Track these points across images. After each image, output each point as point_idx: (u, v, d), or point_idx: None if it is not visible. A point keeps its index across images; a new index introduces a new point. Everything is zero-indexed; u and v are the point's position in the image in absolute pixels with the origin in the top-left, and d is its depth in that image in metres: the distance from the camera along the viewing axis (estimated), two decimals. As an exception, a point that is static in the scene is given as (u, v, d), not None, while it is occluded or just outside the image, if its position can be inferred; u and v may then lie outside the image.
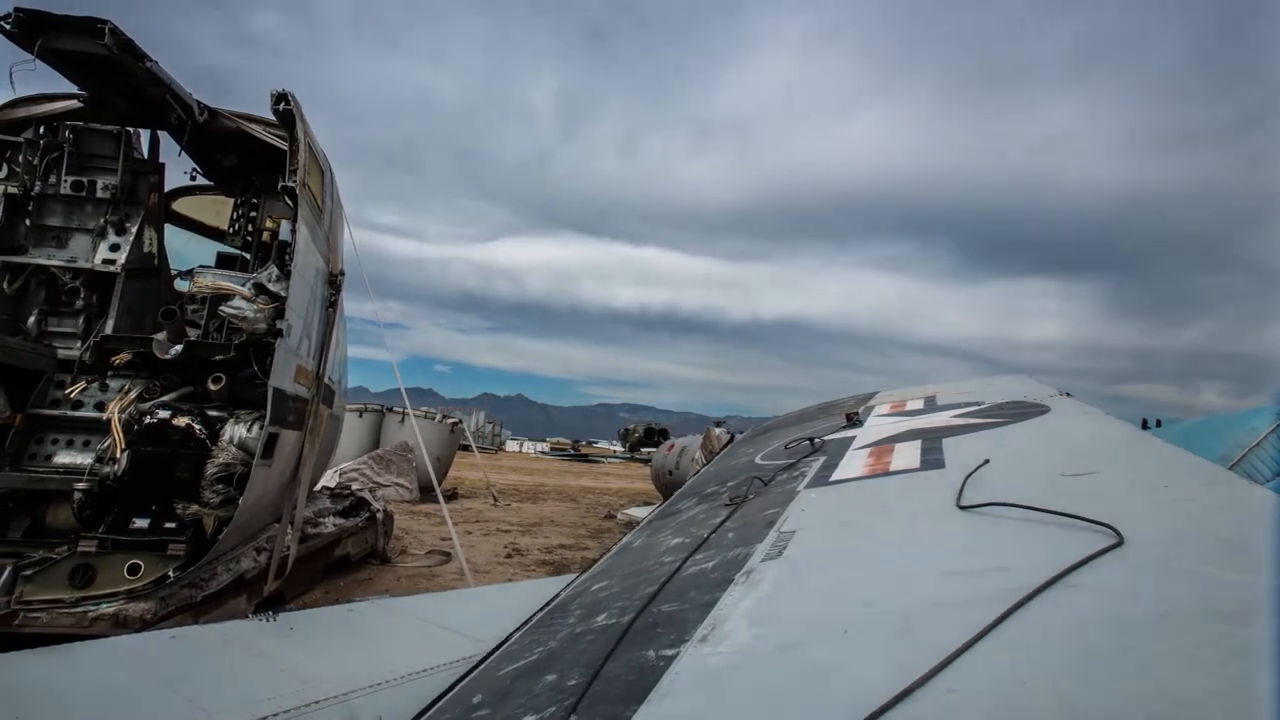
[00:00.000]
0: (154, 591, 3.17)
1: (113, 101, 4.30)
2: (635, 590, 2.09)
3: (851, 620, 1.45)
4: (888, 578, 1.70)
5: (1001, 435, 3.20)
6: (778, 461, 3.83)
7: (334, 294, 4.49)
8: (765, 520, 2.47)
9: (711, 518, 2.85)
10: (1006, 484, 2.22)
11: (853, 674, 1.22)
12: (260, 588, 4.09)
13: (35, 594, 3.06)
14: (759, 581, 1.81)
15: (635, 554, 2.76)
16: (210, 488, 3.27)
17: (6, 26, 3.41)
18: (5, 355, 3.66)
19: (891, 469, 2.90)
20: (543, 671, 1.64)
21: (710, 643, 1.48)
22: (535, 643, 1.96)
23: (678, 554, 2.37)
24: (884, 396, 5.55)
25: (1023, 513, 1.92)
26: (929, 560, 1.77)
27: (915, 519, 2.17)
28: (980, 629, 1.26)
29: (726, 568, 2.02)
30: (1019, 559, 1.61)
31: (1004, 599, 1.38)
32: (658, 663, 1.46)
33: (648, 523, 3.46)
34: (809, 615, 1.55)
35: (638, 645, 1.59)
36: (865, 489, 2.71)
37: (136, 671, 2.26)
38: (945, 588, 1.54)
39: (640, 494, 17.51)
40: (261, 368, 3.67)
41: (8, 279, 4.33)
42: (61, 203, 4.43)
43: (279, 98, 3.69)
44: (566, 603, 2.35)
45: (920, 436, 3.42)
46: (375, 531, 6.27)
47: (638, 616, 1.78)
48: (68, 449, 3.98)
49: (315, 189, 3.99)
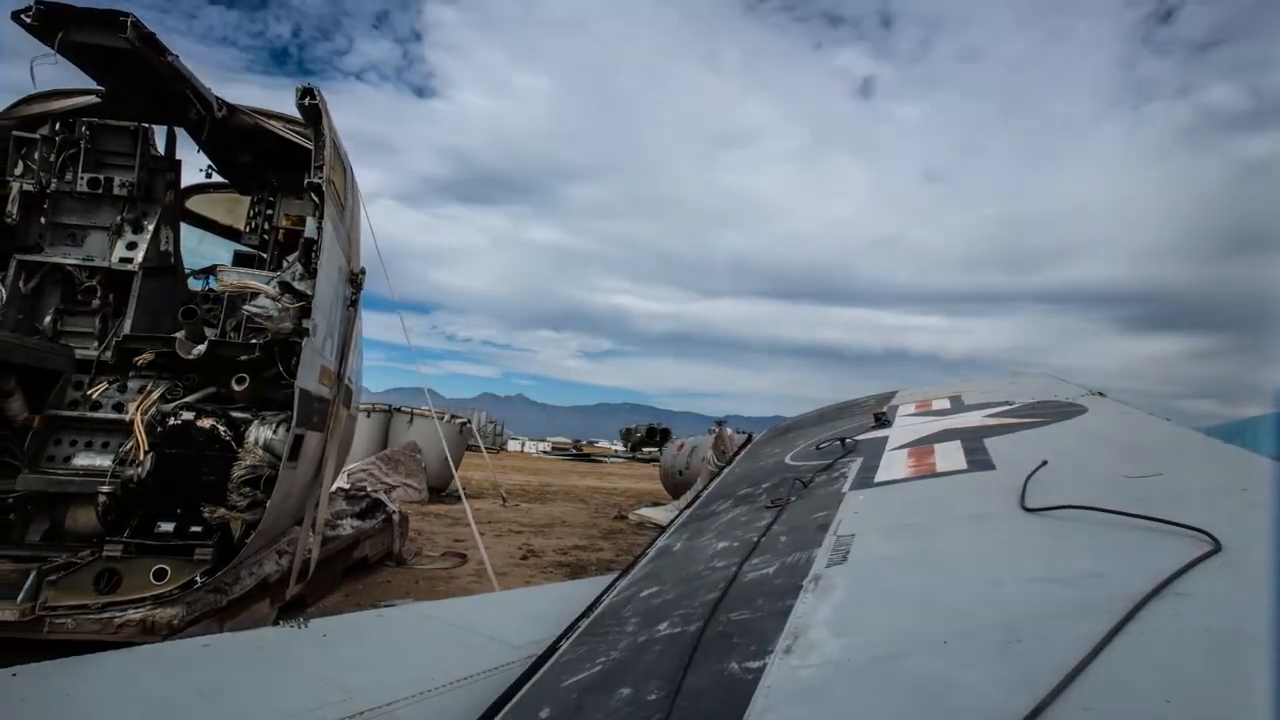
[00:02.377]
0: (180, 597, 3.10)
1: (130, 97, 4.22)
2: (693, 597, 2.03)
3: (947, 631, 1.39)
4: (971, 585, 1.64)
5: (1045, 436, 3.14)
6: (811, 462, 3.76)
7: (355, 293, 4.42)
8: (817, 523, 2.40)
9: (755, 520, 2.78)
10: (1068, 486, 2.16)
11: (968, 689, 1.16)
12: (283, 591, 4.02)
13: (60, 599, 2.99)
14: (831, 588, 1.75)
15: (680, 558, 2.69)
16: (237, 490, 3.20)
17: (27, 19, 3.34)
18: (25, 355, 3.59)
19: (938, 470, 2.83)
20: (614, 685, 1.57)
21: (797, 654, 1.42)
22: (594, 652, 1.89)
23: (730, 558, 2.31)
24: (905, 395, 5.47)
25: (1096, 516, 1.85)
26: (1009, 566, 1.70)
27: (979, 522, 2.11)
28: (1097, 640, 1.20)
29: (790, 573, 1.95)
30: (1111, 565, 1.54)
31: (1109, 608, 1.31)
32: (743, 675, 1.39)
33: (683, 525, 3.39)
34: (897, 625, 1.48)
35: (716, 657, 1.52)
36: (915, 491, 2.64)
37: (172, 681, 2.18)
38: (1040, 596, 1.47)
39: (647, 494, 17.43)
40: (286, 368, 3.60)
41: (23, 277, 4.26)
42: (78, 200, 4.35)
43: (304, 92, 3.62)
44: (616, 609, 2.28)
45: (958, 437, 3.35)
46: (391, 533, 6.20)
47: (706, 625, 1.71)
48: (86, 450, 3.90)
49: (339, 185, 3.92)
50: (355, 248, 4.43)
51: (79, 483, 3.69)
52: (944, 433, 3.59)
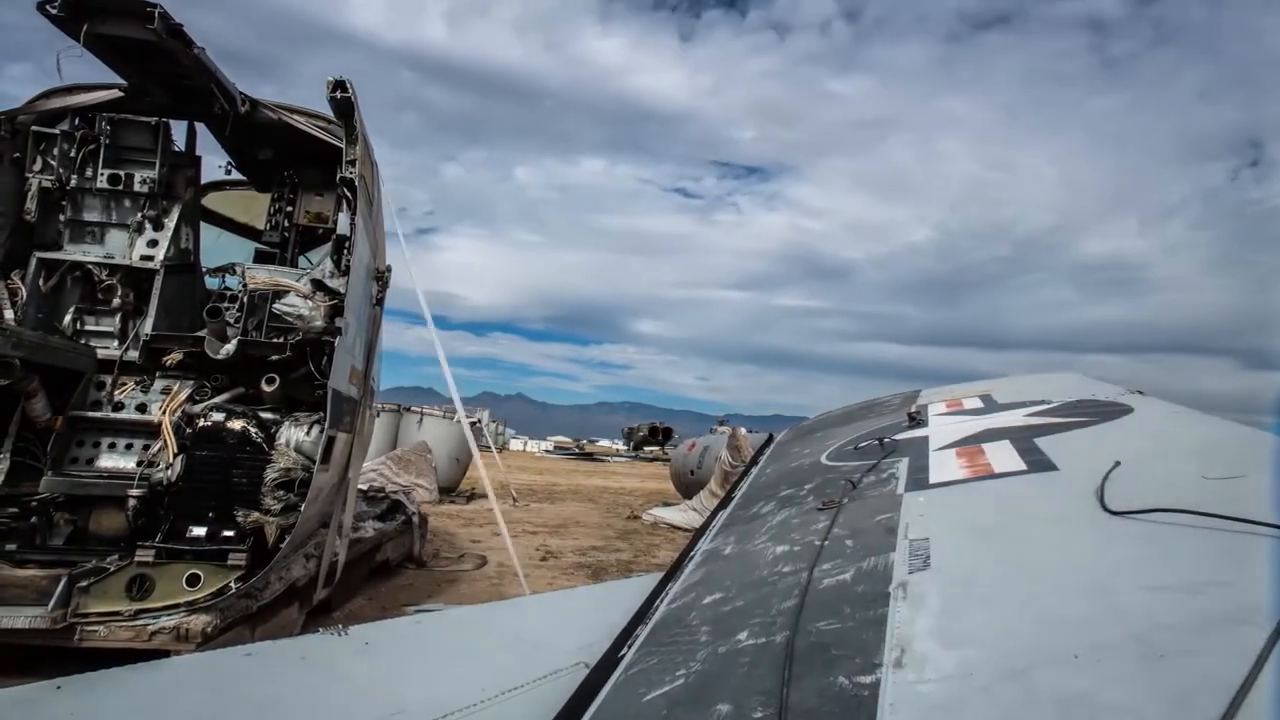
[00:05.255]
0: (215, 603, 3.02)
1: (152, 91, 4.14)
2: (767, 604, 1.95)
3: (1073, 643, 1.30)
4: (1077, 593, 1.56)
5: (1099, 436, 3.05)
6: (852, 463, 3.68)
7: (380, 290, 4.34)
8: (882, 527, 2.32)
9: (810, 523, 2.70)
10: (1146, 488, 2.07)
11: (1123, 709, 1.08)
12: (310, 596, 3.94)
13: (91, 606, 2.91)
14: (923, 596, 1.67)
15: (735, 562, 2.60)
16: (271, 494, 3.11)
17: (52, 11, 3.25)
18: (49, 355, 3.50)
19: (995, 471, 2.75)
20: (708, 699, 1.49)
21: (910, 669, 1.34)
22: (669, 663, 1.81)
23: (795, 563, 2.23)
24: (932, 394, 5.39)
25: (1190, 519, 1.77)
26: (1113, 573, 1.62)
27: (1061, 525, 2.03)
28: (1256, 652, 1.12)
29: (869, 580, 1.87)
30: (1232, 572, 1.46)
31: (1246, 618, 1.24)
32: (856, 691, 1.31)
33: (725, 527, 3.31)
34: (1013, 637, 1.40)
35: (817, 670, 1.44)
36: (978, 492, 2.56)
37: (221, 694, 2.11)
38: (1163, 606, 1.39)
39: (656, 494, 17.34)
40: (317, 368, 3.51)
41: (43, 276, 4.17)
42: (98, 197, 4.27)
43: (336, 85, 3.53)
44: (680, 616, 2.20)
45: (1006, 436, 3.27)
46: (411, 535, 6.12)
47: (794, 635, 1.64)
48: (110, 452, 3.82)
49: (368, 180, 3.84)
50: (381, 245, 4.34)
51: (103, 485, 3.61)
52: (988, 432, 3.51)
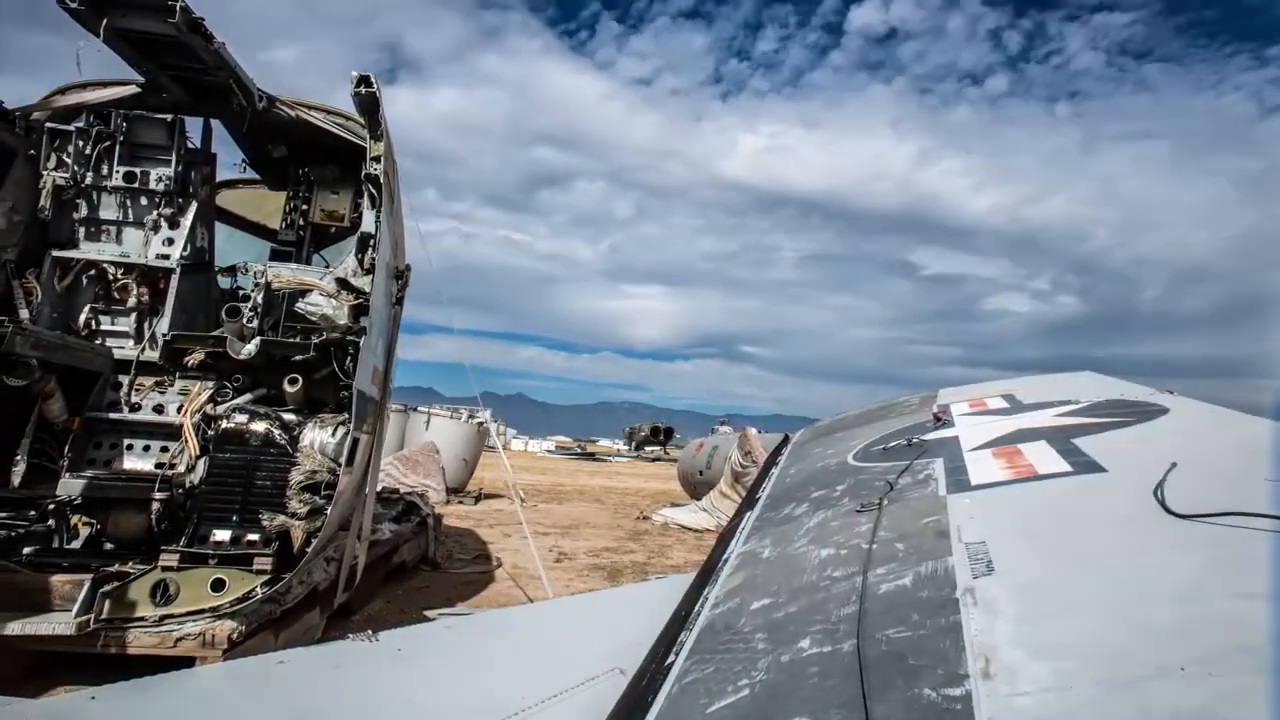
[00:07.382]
0: (239, 609, 2.96)
1: (169, 87, 4.08)
2: (824, 610, 1.89)
3: (1176, 654, 1.25)
4: (1163, 601, 1.50)
5: (1140, 436, 2.99)
6: (882, 464, 3.62)
7: (400, 289, 4.28)
8: (931, 530, 2.26)
9: (850, 525, 2.64)
10: (1206, 491, 2.02)
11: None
12: (331, 599, 3.88)
13: (116, 612, 2.84)
14: (993, 603, 1.61)
15: (779, 566, 2.54)
16: (297, 497, 3.05)
17: (71, 5, 3.18)
18: (67, 355, 3.44)
19: (1039, 473, 2.69)
20: (781, 712, 1.43)
21: (1001, 680, 1.28)
22: (728, 673, 1.75)
23: (845, 567, 2.17)
24: (952, 394, 5.32)
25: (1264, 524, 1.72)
26: (1196, 580, 1.56)
27: (1125, 529, 1.97)
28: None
29: (931, 585, 1.81)
30: (1327, 579, 1.40)
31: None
32: (946, 704, 1.26)
33: (756, 529, 3.26)
34: (1107, 647, 1.34)
35: (896, 681, 1.39)
36: (1026, 494, 2.50)
37: (260, 702, 2.05)
38: (1264, 614, 1.33)
39: (662, 494, 17.29)
40: (340, 368, 3.45)
41: (58, 274, 4.11)
42: (114, 194, 4.21)
43: (361, 80, 3.46)
44: (729, 622, 2.14)
45: (1042, 437, 3.21)
46: (426, 536, 6.07)
47: (862, 644, 1.58)
48: (128, 454, 3.76)
49: (390, 178, 3.78)
50: (401, 243, 4.28)
51: (121, 487, 3.55)
52: (1020, 432, 3.45)
